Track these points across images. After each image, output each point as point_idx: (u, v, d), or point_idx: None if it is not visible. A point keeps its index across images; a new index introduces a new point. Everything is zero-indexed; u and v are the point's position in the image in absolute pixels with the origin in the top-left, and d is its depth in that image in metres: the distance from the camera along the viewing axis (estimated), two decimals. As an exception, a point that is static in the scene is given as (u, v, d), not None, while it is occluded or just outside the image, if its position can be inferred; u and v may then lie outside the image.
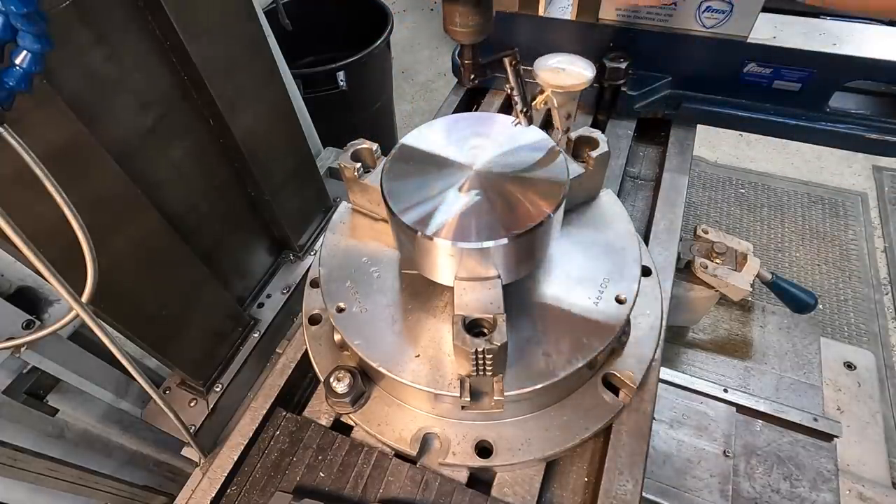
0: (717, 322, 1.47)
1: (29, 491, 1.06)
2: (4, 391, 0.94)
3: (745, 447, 1.12)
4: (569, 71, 0.77)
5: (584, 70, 0.77)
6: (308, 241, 1.26)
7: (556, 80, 0.76)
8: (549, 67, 0.78)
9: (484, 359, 0.63)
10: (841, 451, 1.14)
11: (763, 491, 1.07)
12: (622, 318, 0.75)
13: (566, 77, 0.76)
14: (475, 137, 0.73)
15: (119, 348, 0.68)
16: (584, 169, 0.81)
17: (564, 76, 0.76)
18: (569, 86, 0.75)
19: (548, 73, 0.77)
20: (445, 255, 0.65)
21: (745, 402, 1.15)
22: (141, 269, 0.83)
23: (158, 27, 0.77)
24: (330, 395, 0.79)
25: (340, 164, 0.83)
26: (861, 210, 2.83)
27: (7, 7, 0.45)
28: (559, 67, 0.77)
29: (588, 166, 0.81)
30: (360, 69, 2.25)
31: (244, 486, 0.78)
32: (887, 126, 1.14)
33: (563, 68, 0.77)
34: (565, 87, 0.75)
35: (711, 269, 1.20)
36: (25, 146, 0.54)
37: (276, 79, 1.00)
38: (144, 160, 0.83)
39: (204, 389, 1.04)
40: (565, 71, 0.77)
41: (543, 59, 0.79)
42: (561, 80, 0.76)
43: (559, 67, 0.77)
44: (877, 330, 2.38)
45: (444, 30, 0.45)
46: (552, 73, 0.77)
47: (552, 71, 0.77)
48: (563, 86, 0.75)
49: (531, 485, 0.77)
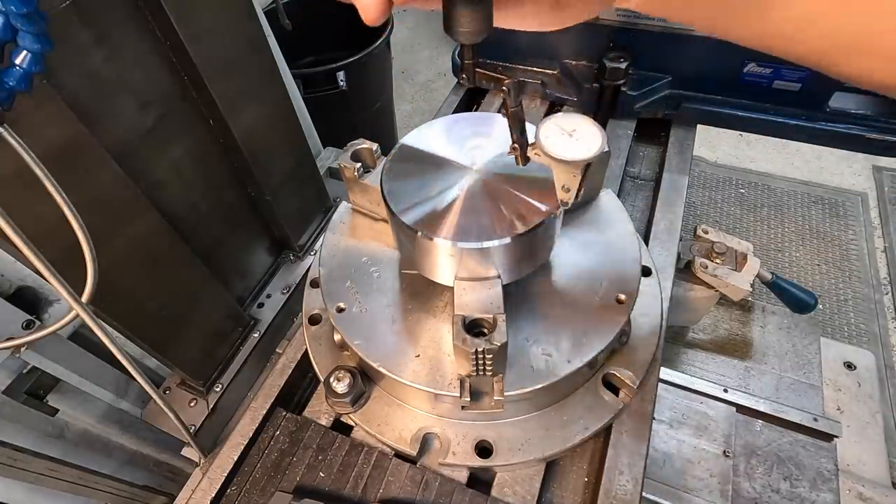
0: (717, 322, 1.47)
1: (29, 491, 1.06)
2: (4, 391, 0.94)
3: (745, 447, 1.12)
4: (575, 139, 0.62)
5: (591, 139, 0.62)
6: (308, 241, 1.26)
7: (554, 148, 0.61)
8: (551, 129, 0.63)
9: (484, 359, 0.63)
10: (841, 451, 1.14)
11: (763, 491, 1.07)
12: (622, 318, 0.75)
13: (568, 146, 0.61)
14: (475, 137, 0.73)
15: (119, 348, 0.68)
16: (584, 169, 0.81)
17: (566, 144, 0.61)
18: (568, 160, 0.60)
19: (547, 135, 0.62)
20: (445, 255, 0.65)
21: (745, 402, 1.15)
22: (141, 269, 0.83)
23: (158, 27, 0.77)
24: (330, 395, 0.79)
25: (340, 164, 0.83)
26: (861, 210, 2.83)
27: (7, 7, 0.45)
28: (564, 130, 0.63)
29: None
30: (360, 69, 2.25)
31: (244, 486, 0.78)
32: (887, 126, 1.14)
33: (569, 132, 0.62)
34: (563, 159, 0.60)
35: (711, 269, 1.20)
36: (25, 146, 0.54)
37: (276, 79, 1.00)
38: (144, 160, 0.83)
39: (204, 389, 1.04)
40: (571, 137, 0.62)
41: (549, 119, 0.64)
42: (559, 150, 0.61)
43: (564, 130, 0.63)
44: (877, 330, 2.38)
45: (444, 30, 0.45)
46: (552, 136, 0.62)
47: (553, 134, 0.63)
48: (560, 158, 0.60)
49: (531, 485, 0.77)
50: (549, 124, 0.63)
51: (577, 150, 0.60)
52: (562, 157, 0.60)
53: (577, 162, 0.60)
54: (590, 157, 0.60)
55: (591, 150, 0.60)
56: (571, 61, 1.31)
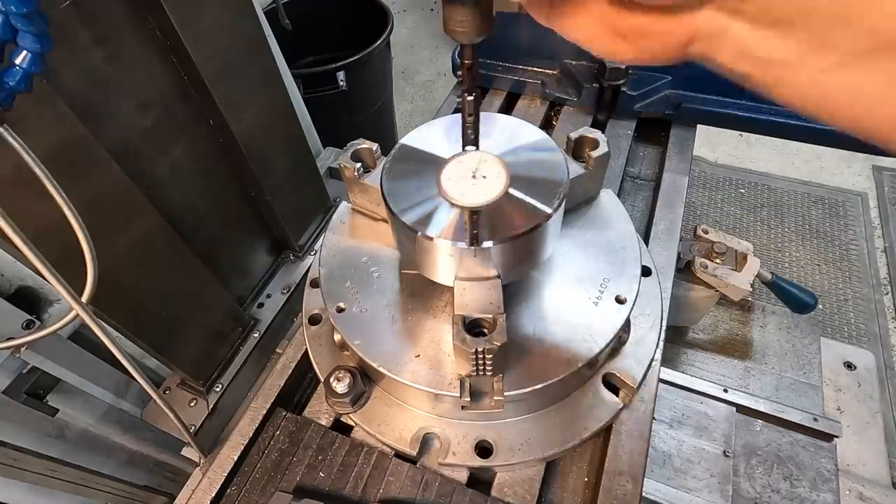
0: (717, 322, 1.47)
1: (29, 491, 1.06)
2: (4, 391, 0.94)
3: (745, 447, 1.12)
4: (479, 178, 0.58)
5: (495, 181, 0.58)
6: (308, 241, 1.26)
7: (453, 192, 0.58)
8: (453, 171, 0.59)
9: (484, 359, 0.63)
10: (841, 451, 1.13)
11: (763, 491, 1.07)
12: (622, 318, 0.75)
13: (466, 190, 0.58)
14: (475, 137, 0.73)
15: (119, 348, 0.68)
16: (584, 169, 0.81)
17: (464, 188, 0.58)
18: (463, 205, 0.57)
19: (449, 176, 0.58)
20: (445, 255, 0.65)
21: (745, 402, 1.15)
22: (141, 269, 0.83)
23: (158, 27, 0.77)
24: (330, 395, 0.79)
25: (340, 164, 0.83)
26: (861, 210, 2.83)
27: (7, 7, 0.45)
28: (469, 169, 0.59)
29: (588, 166, 0.81)
30: (360, 69, 2.25)
31: (244, 486, 0.78)
32: (887, 126, 1.14)
33: (472, 172, 0.59)
34: (460, 205, 0.58)
35: (711, 269, 1.20)
36: (25, 146, 0.54)
37: (276, 79, 1.00)
38: (144, 160, 0.83)
39: (204, 389, 1.04)
40: (474, 179, 0.58)
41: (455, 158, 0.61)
42: (457, 194, 0.58)
43: (469, 169, 0.59)
44: (877, 330, 2.38)
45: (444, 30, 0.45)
46: (453, 178, 0.59)
47: (454, 176, 0.59)
48: (457, 203, 0.58)
49: (531, 485, 0.77)
50: (452, 165, 0.61)
51: (474, 195, 0.58)
52: (458, 203, 0.58)
53: (471, 207, 0.58)
54: (486, 203, 0.58)
55: (488, 195, 0.58)
56: (571, 61, 1.31)
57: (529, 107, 1.38)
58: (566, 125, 1.32)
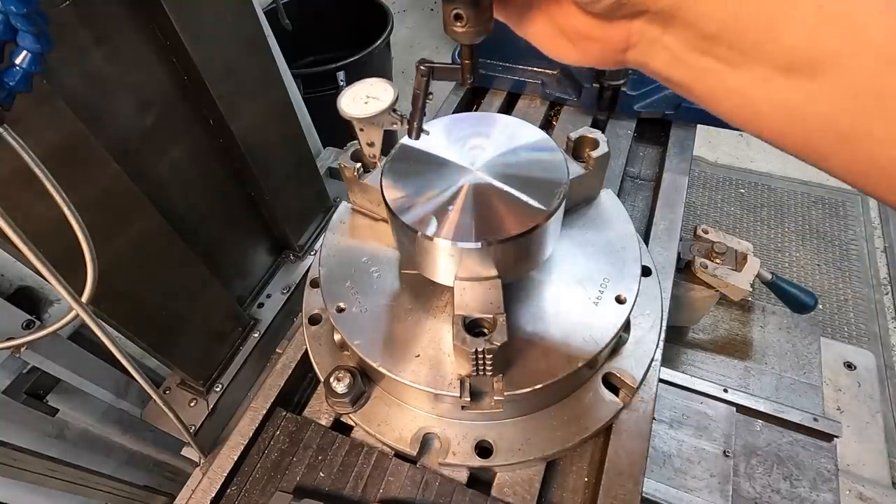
0: (717, 322, 1.47)
1: (29, 491, 1.06)
2: (4, 391, 0.94)
3: (745, 447, 1.11)
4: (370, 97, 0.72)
5: (384, 95, 0.72)
6: (308, 241, 1.26)
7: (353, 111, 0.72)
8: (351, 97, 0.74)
9: (484, 359, 0.63)
10: (841, 451, 1.13)
11: (763, 491, 1.07)
12: (622, 318, 0.75)
13: (365, 107, 0.72)
14: (475, 137, 0.73)
15: (119, 348, 0.68)
16: (585, 169, 0.81)
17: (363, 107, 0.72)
18: (367, 115, 0.71)
19: (347, 104, 0.73)
20: (445, 255, 0.65)
21: (745, 402, 1.15)
22: (141, 269, 0.83)
23: (158, 27, 0.77)
24: (330, 395, 0.79)
25: (340, 164, 0.83)
26: (861, 210, 2.83)
27: (7, 7, 0.45)
28: (363, 96, 0.73)
29: (588, 167, 0.81)
30: (360, 69, 2.25)
31: (244, 486, 0.78)
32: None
33: (365, 96, 0.73)
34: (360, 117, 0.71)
35: (711, 269, 1.19)
36: (25, 146, 0.54)
37: (276, 79, 1.00)
38: (144, 160, 0.83)
39: (204, 389, 1.04)
40: (367, 103, 0.72)
41: (345, 91, 0.74)
42: (357, 111, 0.71)
43: (363, 96, 0.73)
44: (877, 330, 2.38)
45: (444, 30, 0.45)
46: (351, 104, 0.73)
47: (350, 102, 0.73)
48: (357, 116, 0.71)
49: (531, 485, 0.77)
50: (346, 96, 0.73)
51: (373, 106, 0.71)
52: (361, 115, 0.70)
53: (373, 116, 0.70)
54: (385, 108, 0.70)
55: (383, 102, 0.71)
56: (571, 61, 1.31)
57: (529, 107, 1.38)
58: (566, 125, 1.32)
